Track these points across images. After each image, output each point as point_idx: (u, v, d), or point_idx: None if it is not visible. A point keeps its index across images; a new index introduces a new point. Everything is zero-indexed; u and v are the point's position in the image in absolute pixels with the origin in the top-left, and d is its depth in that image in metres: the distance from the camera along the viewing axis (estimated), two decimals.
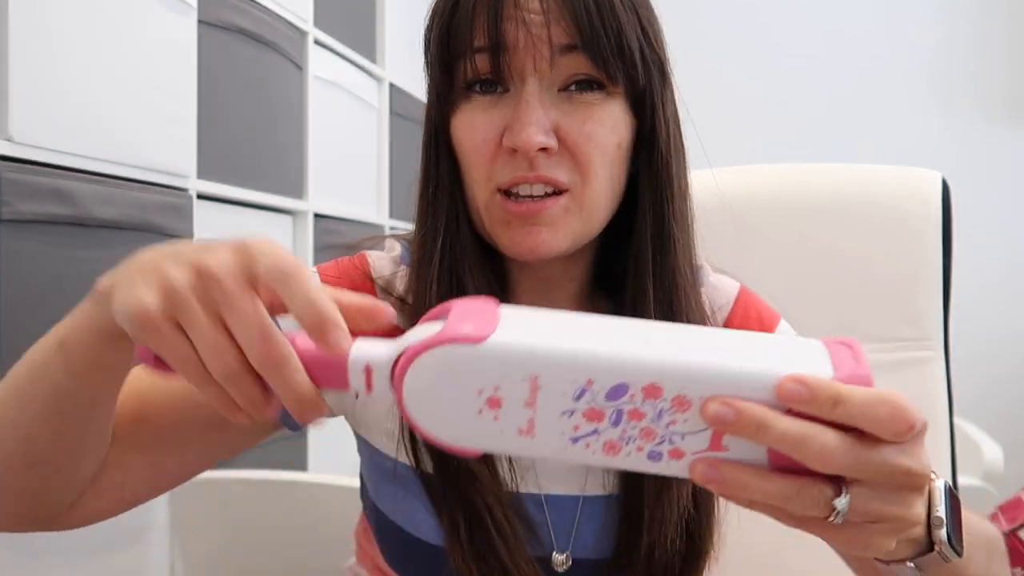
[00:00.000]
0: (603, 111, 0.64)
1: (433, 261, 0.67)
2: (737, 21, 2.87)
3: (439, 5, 0.66)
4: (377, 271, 0.73)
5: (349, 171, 1.98)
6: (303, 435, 1.68)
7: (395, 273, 0.73)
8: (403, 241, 0.75)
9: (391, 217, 2.16)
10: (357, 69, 1.99)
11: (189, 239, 1.34)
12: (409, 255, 0.72)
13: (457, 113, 0.66)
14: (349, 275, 0.73)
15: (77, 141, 1.09)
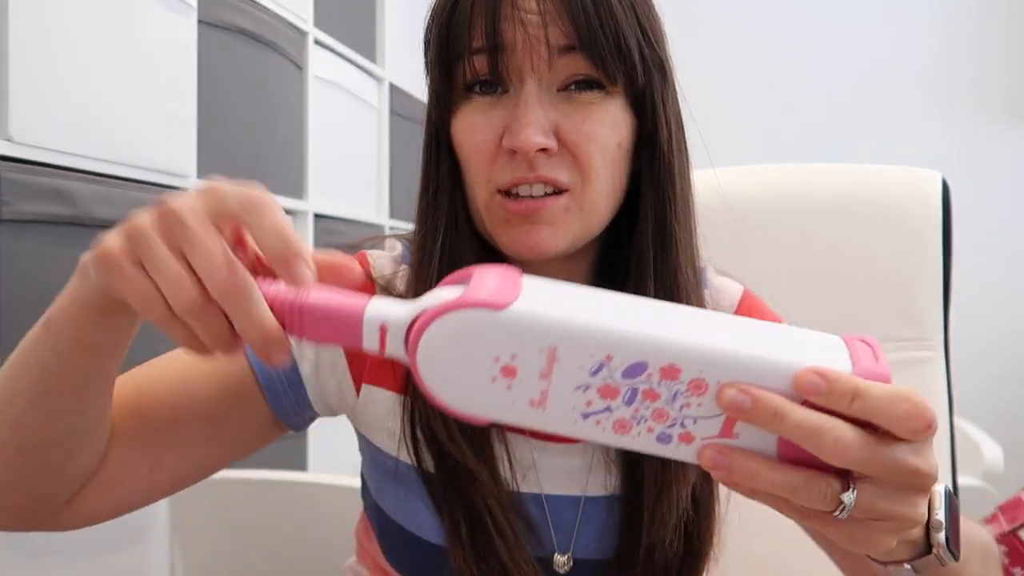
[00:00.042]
0: (602, 110, 0.64)
1: (433, 261, 0.67)
2: (739, 21, 2.87)
3: (438, 6, 0.66)
4: (378, 270, 0.73)
5: (349, 171, 1.98)
6: (303, 435, 1.68)
7: (396, 273, 0.73)
8: (404, 241, 0.75)
9: (391, 217, 2.16)
10: (357, 69, 1.99)
11: None
12: (410, 255, 0.72)
13: (457, 114, 0.66)
14: None
15: (77, 141, 1.09)
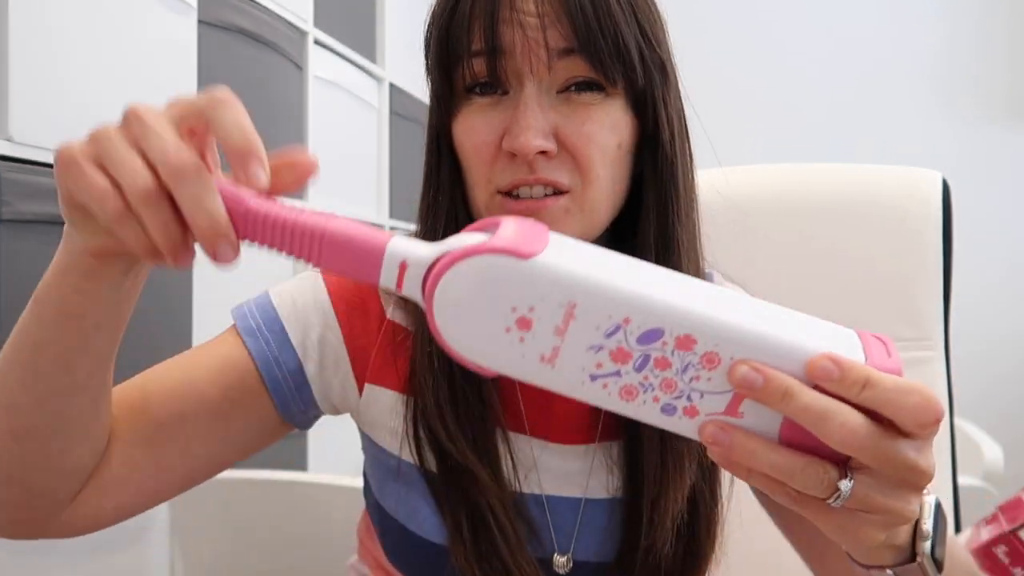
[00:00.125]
0: (602, 112, 0.63)
1: None
2: (739, 21, 2.87)
3: (437, 8, 0.66)
4: None
5: (349, 171, 1.98)
6: (303, 435, 1.68)
7: None
8: None
9: (391, 217, 2.16)
10: (357, 69, 1.99)
11: None
12: None
13: (458, 115, 0.66)
14: None
15: None
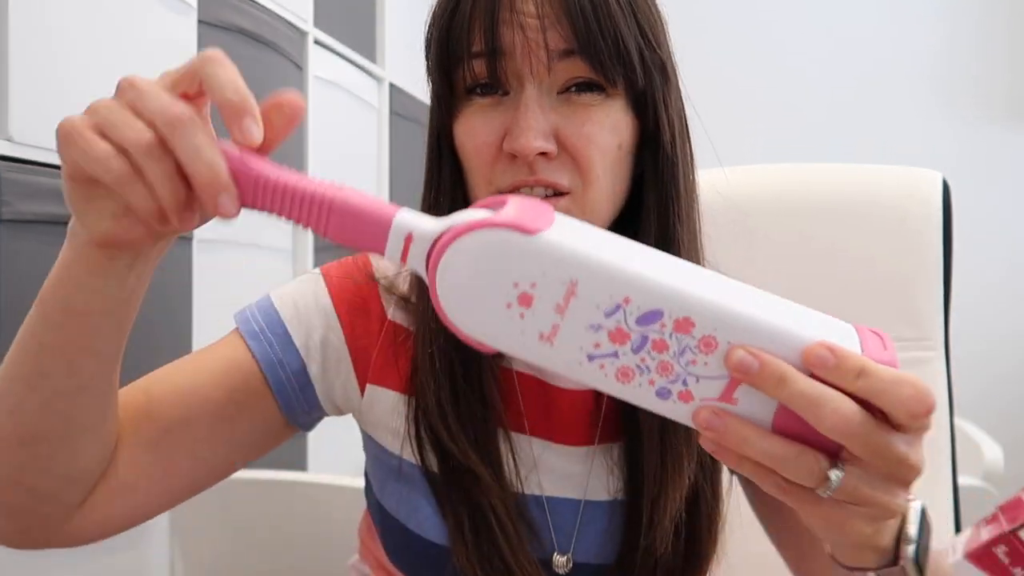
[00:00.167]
0: (602, 113, 0.63)
1: None
2: (739, 21, 2.87)
3: (438, 9, 0.66)
4: (380, 271, 0.73)
5: (349, 171, 1.98)
6: (303, 435, 1.68)
7: (399, 273, 0.73)
8: None
9: None
10: (357, 69, 1.99)
11: (189, 240, 1.34)
12: None
13: (458, 116, 0.66)
14: (352, 275, 0.73)
15: None
